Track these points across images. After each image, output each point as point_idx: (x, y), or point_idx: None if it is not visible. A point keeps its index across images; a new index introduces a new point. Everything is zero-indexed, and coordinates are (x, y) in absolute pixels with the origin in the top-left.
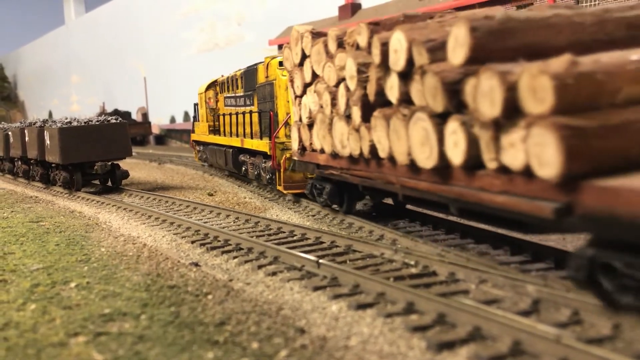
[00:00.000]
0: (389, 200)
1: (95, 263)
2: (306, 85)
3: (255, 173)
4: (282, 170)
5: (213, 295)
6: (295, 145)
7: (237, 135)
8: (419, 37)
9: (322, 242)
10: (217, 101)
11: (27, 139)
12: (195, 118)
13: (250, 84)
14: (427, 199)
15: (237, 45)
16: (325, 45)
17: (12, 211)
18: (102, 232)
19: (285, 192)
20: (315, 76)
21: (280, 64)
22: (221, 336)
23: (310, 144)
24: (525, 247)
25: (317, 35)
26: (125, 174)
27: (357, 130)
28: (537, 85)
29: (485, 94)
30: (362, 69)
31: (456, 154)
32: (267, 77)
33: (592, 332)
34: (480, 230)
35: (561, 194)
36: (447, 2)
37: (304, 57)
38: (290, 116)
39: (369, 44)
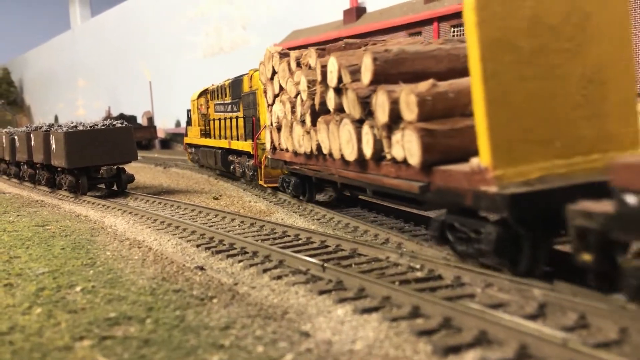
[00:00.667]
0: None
1: (101, 267)
2: (275, 96)
3: (241, 171)
4: (262, 167)
5: (218, 299)
6: (268, 146)
7: (226, 138)
8: (345, 62)
9: (327, 246)
10: (207, 107)
11: (33, 143)
12: (188, 123)
13: (236, 92)
14: (354, 185)
15: (242, 49)
16: (288, 64)
17: (18, 215)
18: (107, 236)
19: (265, 185)
20: (281, 89)
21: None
22: (226, 340)
23: (279, 144)
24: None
25: (283, 55)
26: (131, 178)
27: (308, 132)
28: (409, 100)
29: (380, 105)
30: (310, 84)
31: (368, 149)
32: (250, 87)
33: (599, 336)
34: None
35: (423, 176)
36: (452, 6)
37: (274, 73)
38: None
39: (316, 66)
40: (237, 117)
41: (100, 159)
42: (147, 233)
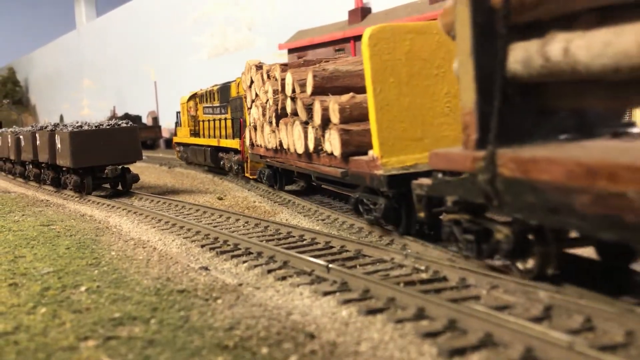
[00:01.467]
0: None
1: (106, 267)
2: (252, 101)
3: (229, 165)
4: (248, 161)
5: (223, 300)
6: (247, 142)
7: (215, 137)
8: (296, 77)
9: (332, 247)
10: (196, 110)
11: (38, 142)
12: (178, 124)
13: (224, 97)
14: (304, 173)
15: (247, 50)
16: (262, 76)
17: (23, 215)
18: (112, 235)
19: (250, 177)
20: (257, 95)
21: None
22: (231, 341)
23: (255, 141)
24: (628, 276)
25: (258, 67)
26: (136, 178)
27: (274, 131)
28: (334, 108)
29: (316, 111)
30: (275, 93)
31: (311, 145)
32: (238, 92)
33: (605, 339)
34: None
35: (343, 164)
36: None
37: (252, 82)
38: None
39: (279, 78)
40: (225, 119)
41: (105, 159)
42: (152, 233)
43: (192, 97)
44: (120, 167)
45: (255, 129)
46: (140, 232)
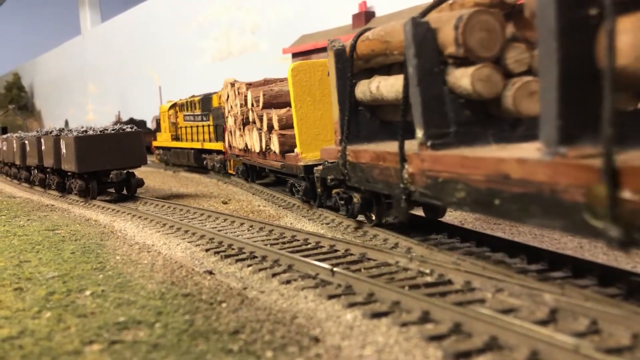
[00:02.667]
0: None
1: (110, 271)
2: (229, 111)
3: (212, 164)
4: (230, 160)
5: (227, 304)
6: (226, 144)
7: (198, 141)
8: (254, 94)
9: (336, 250)
10: (177, 117)
11: (43, 147)
12: (157, 130)
13: (206, 107)
14: (263, 167)
15: (251, 54)
16: (234, 91)
17: (28, 219)
18: (117, 240)
19: (232, 173)
20: (231, 107)
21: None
22: (235, 345)
23: (232, 143)
24: (542, 256)
25: (232, 85)
26: (140, 182)
27: (242, 135)
28: (275, 118)
29: (264, 121)
30: (242, 106)
31: (263, 145)
32: (219, 103)
33: (611, 342)
34: (496, 239)
35: (282, 159)
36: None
37: (228, 96)
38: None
39: (244, 94)
40: (208, 125)
41: (110, 164)
42: (157, 237)
43: (173, 106)
44: (125, 171)
45: (232, 133)
46: (144, 237)
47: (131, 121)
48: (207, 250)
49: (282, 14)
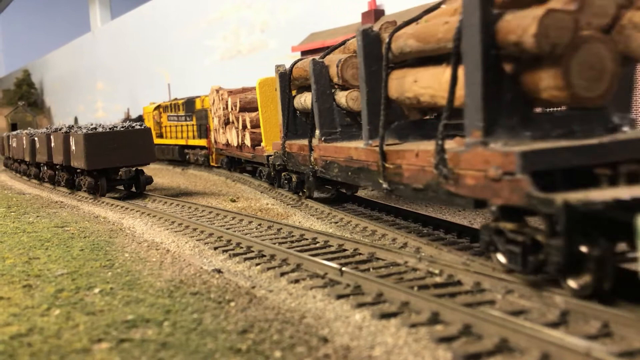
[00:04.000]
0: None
1: (119, 269)
2: (214, 113)
3: (195, 158)
4: (213, 154)
5: (236, 303)
6: (212, 141)
7: (182, 138)
8: (233, 100)
9: (345, 250)
10: (160, 117)
11: (53, 144)
12: None
13: (190, 109)
14: (240, 158)
15: (260, 52)
16: (218, 97)
17: (37, 216)
18: (125, 237)
19: (214, 165)
20: (216, 109)
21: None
22: (244, 344)
23: (217, 139)
24: None
25: (217, 91)
26: (149, 180)
27: (224, 133)
28: (248, 120)
29: (240, 121)
30: (224, 109)
31: (240, 140)
32: (202, 106)
33: (622, 345)
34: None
35: (252, 151)
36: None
37: (214, 101)
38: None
39: (225, 99)
40: (192, 125)
41: (119, 161)
42: (165, 235)
43: (157, 107)
44: (134, 168)
45: (217, 131)
46: (153, 234)
47: (140, 118)
48: (215, 248)
49: (291, 13)
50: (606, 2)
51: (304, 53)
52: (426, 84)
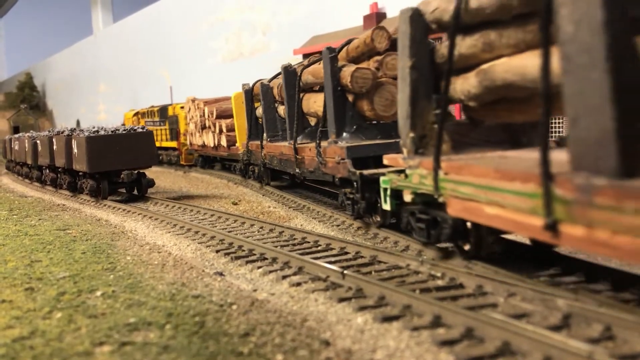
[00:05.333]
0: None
1: (121, 271)
2: (190, 119)
3: (168, 158)
4: (183, 154)
5: (237, 306)
6: (188, 143)
7: (157, 141)
8: (209, 109)
9: (347, 253)
10: (138, 122)
11: (55, 147)
12: None
13: (163, 115)
14: (215, 156)
15: (262, 54)
16: (195, 106)
17: (39, 219)
18: (127, 240)
19: (184, 164)
20: (192, 117)
21: (182, 108)
22: (246, 347)
23: (193, 142)
24: (554, 260)
25: (193, 101)
26: (151, 183)
27: (201, 136)
28: (224, 125)
29: (217, 126)
30: (201, 117)
31: (216, 142)
32: (174, 113)
33: (625, 349)
34: (509, 243)
35: (228, 150)
36: None
37: (190, 109)
38: (185, 130)
39: (202, 108)
40: (165, 129)
41: (121, 164)
42: (167, 238)
43: (136, 114)
44: (136, 171)
45: (192, 135)
46: (155, 237)
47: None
48: (217, 251)
49: (293, 15)
50: (395, 62)
51: (306, 56)
52: (319, 104)
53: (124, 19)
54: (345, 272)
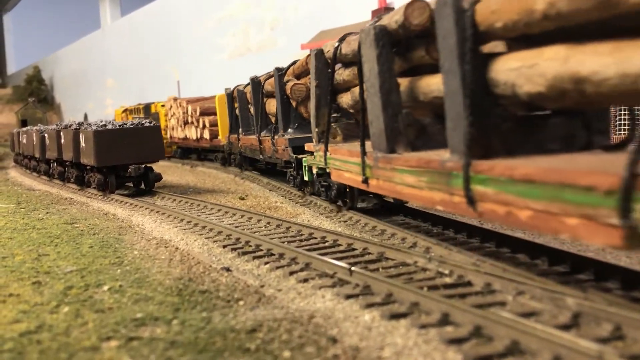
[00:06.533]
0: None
1: (128, 266)
2: (172, 115)
3: None
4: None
5: (244, 301)
6: (168, 136)
7: None
8: (192, 107)
9: (354, 249)
10: (127, 118)
11: (62, 141)
12: None
13: (147, 111)
14: (197, 148)
15: (269, 50)
16: (177, 104)
17: (47, 212)
18: (135, 234)
19: (166, 156)
20: (174, 113)
21: (162, 106)
22: (253, 344)
23: (174, 135)
24: (564, 258)
25: (175, 100)
26: (158, 177)
27: (183, 130)
28: (207, 121)
29: (201, 122)
30: (183, 114)
31: (199, 135)
32: (155, 110)
33: (635, 348)
34: (517, 240)
35: (210, 142)
36: None
37: (171, 106)
38: (166, 125)
39: (184, 106)
40: None
41: (129, 158)
42: (174, 232)
43: (125, 110)
44: (143, 166)
45: (174, 129)
46: (162, 232)
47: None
48: (224, 246)
49: (301, 10)
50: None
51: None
52: (275, 107)
53: (132, 13)
54: (352, 268)
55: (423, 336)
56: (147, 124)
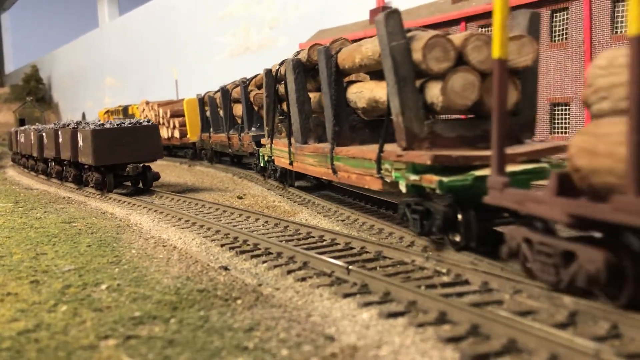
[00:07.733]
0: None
1: (126, 265)
2: (145, 117)
3: None
4: None
5: (242, 300)
6: None
7: None
8: (163, 110)
9: (352, 248)
10: (108, 118)
11: (60, 140)
12: None
13: (125, 113)
14: (167, 146)
15: (269, 49)
16: (149, 107)
17: (45, 212)
18: (132, 233)
19: None
20: (146, 115)
21: (137, 108)
22: (250, 342)
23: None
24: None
25: (147, 103)
26: (156, 176)
27: (167, 129)
28: (176, 122)
29: (172, 123)
30: (155, 116)
31: (170, 134)
32: (132, 112)
33: (631, 347)
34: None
35: (180, 140)
36: (480, 6)
37: (144, 109)
38: None
39: (157, 109)
40: None
41: (127, 157)
42: (172, 231)
43: (107, 111)
44: (141, 165)
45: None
46: (160, 231)
47: None
48: (222, 245)
49: (300, 10)
50: None
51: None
52: (241, 111)
53: (130, 12)
54: (350, 267)
55: (420, 335)
56: (145, 123)
